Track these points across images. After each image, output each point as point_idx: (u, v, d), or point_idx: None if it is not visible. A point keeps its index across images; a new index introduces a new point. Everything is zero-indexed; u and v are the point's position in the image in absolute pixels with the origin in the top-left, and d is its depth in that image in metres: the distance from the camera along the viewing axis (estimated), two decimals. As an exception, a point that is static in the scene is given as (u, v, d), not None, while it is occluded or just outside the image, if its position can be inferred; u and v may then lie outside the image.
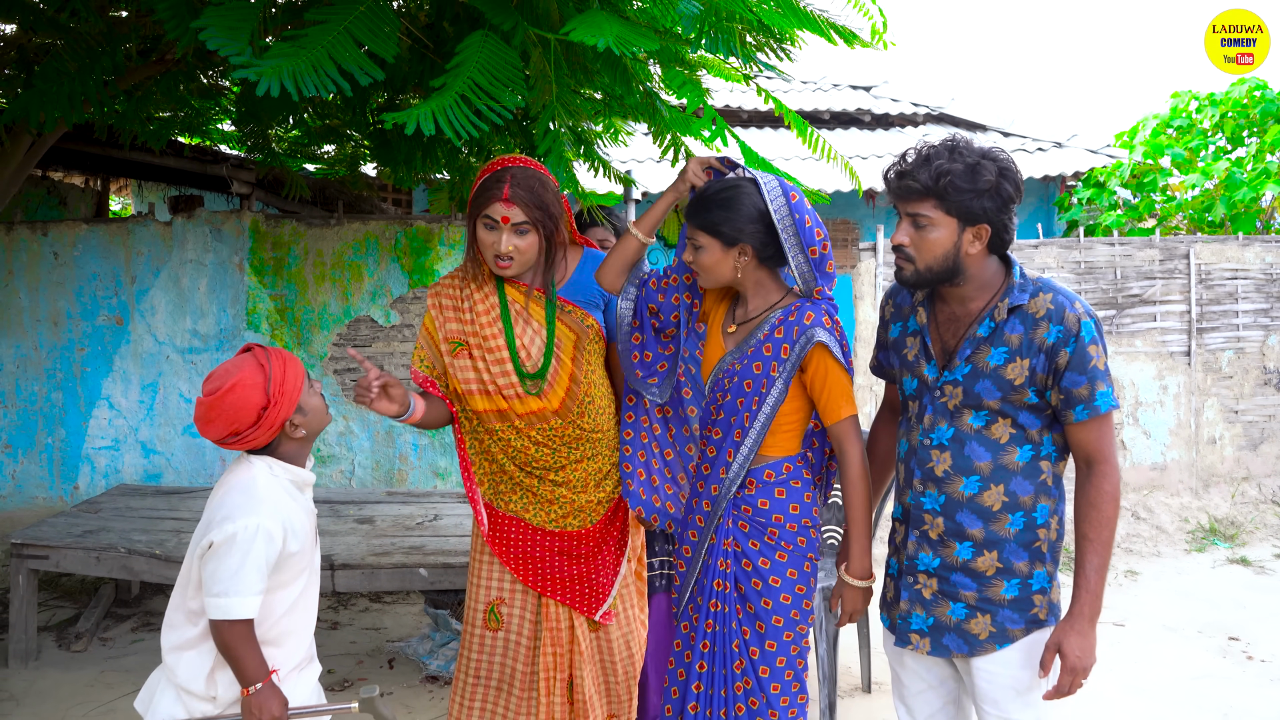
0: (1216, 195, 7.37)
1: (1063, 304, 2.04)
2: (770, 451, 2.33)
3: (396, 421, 2.59)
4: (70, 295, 5.30)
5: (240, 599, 1.98)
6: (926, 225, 2.06)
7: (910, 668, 2.29)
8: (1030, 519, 2.09)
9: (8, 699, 3.73)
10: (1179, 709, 3.75)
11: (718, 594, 2.34)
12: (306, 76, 2.04)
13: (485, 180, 2.49)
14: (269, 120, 4.46)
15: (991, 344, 2.08)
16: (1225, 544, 5.90)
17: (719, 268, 2.32)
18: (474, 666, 2.67)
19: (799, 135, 3.23)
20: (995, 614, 2.10)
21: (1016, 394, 2.05)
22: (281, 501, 2.08)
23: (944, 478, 2.13)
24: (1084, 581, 2.02)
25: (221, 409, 2.01)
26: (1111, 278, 6.14)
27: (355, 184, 5.81)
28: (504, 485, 2.64)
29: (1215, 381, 6.32)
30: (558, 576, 2.60)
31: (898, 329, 2.29)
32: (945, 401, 2.13)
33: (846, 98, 10.32)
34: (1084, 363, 2.00)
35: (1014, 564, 2.09)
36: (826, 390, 2.27)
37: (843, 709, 3.70)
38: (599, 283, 2.54)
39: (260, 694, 2.01)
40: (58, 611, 4.66)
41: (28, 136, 3.71)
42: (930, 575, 2.16)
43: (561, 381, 2.56)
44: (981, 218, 2.03)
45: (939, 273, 2.09)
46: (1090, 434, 2.04)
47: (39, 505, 5.25)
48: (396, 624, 4.61)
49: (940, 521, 2.14)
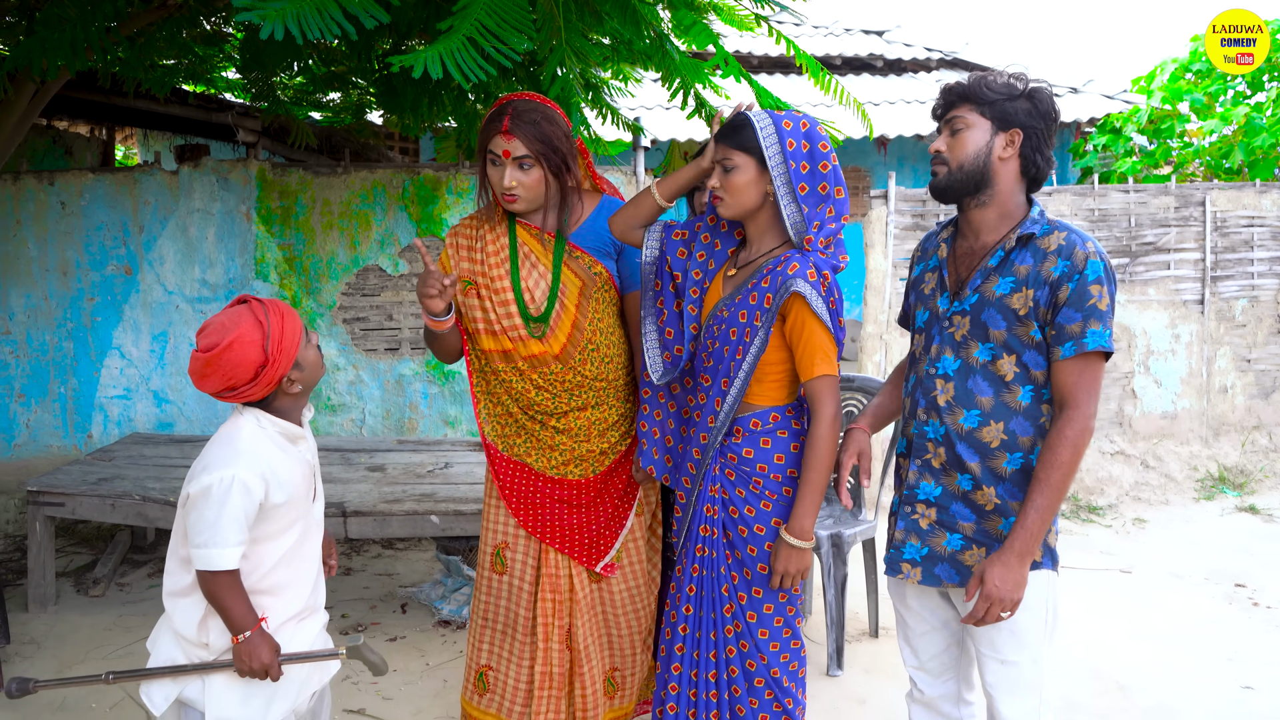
0: (1235, 141, 7.26)
1: (1074, 241, 2.03)
2: (757, 400, 2.29)
3: (432, 321, 2.52)
4: (78, 245, 5.29)
5: (219, 550, 1.97)
6: (962, 128, 2.09)
7: (914, 609, 2.31)
8: (1028, 460, 2.08)
9: (29, 642, 3.80)
10: (1184, 654, 3.78)
11: (704, 539, 2.33)
12: (311, 19, 2.01)
13: (489, 115, 2.47)
14: (273, 67, 4.41)
15: (999, 273, 2.08)
16: (1234, 492, 5.91)
17: (749, 190, 2.23)
18: (482, 609, 2.72)
19: (813, 78, 3.18)
20: (990, 548, 2.11)
21: (1021, 326, 2.05)
22: (266, 454, 2.05)
23: (945, 408, 2.14)
24: (1022, 518, 2.00)
25: (218, 365, 1.98)
26: (1126, 225, 6.07)
27: (362, 132, 5.76)
28: (508, 428, 2.65)
29: (1228, 330, 6.28)
30: (557, 524, 2.62)
31: (920, 268, 2.31)
32: (953, 332, 2.14)
33: (859, 42, 10.16)
34: (1083, 299, 1.99)
35: (1010, 503, 2.09)
36: (801, 344, 2.20)
37: (850, 653, 3.74)
38: (610, 229, 2.51)
39: (249, 641, 2.02)
40: (75, 557, 4.73)
41: (31, 84, 3.68)
42: (930, 505, 2.18)
43: (564, 327, 2.55)
44: (1014, 121, 2.06)
45: (969, 173, 2.09)
46: (1070, 375, 2.02)
47: (53, 454, 5.30)
48: (409, 570, 4.66)
49: (943, 451, 2.15)
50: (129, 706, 3.32)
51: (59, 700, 3.36)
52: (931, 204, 5.82)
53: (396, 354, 5.45)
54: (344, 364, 5.40)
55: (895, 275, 5.76)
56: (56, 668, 3.59)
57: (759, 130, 2.20)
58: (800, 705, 2.34)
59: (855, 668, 3.65)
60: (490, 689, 2.72)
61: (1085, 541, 5.15)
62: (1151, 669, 3.64)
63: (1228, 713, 3.34)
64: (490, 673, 2.71)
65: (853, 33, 10.40)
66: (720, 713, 2.33)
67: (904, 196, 5.80)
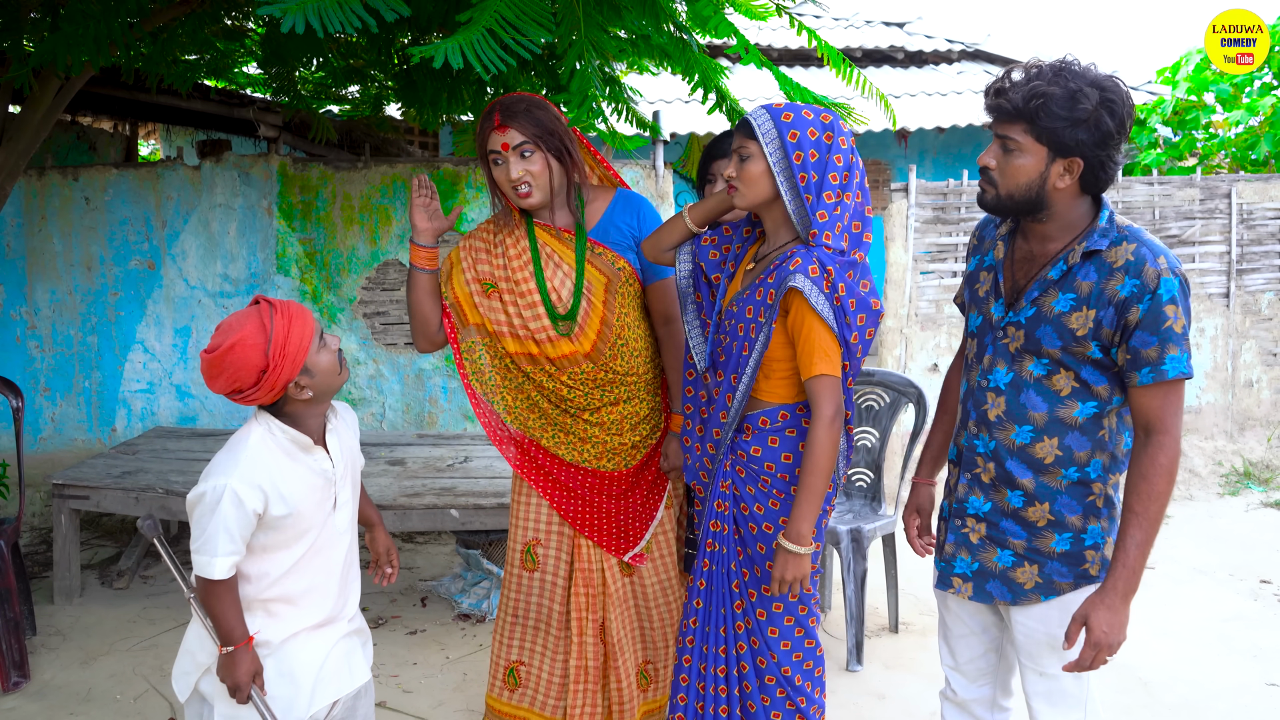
0: (1261, 132, 7.17)
1: (1144, 256, 1.87)
2: (766, 398, 2.26)
3: (418, 252, 2.56)
4: (102, 240, 5.33)
5: (208, 559, 1.95)
6: (1014, 150, 1.92)
7: (954, 611, 2.25)
8: (1084, 473, 1.99)
9: (55, 634, 3.84)
10: (1208, 650, 3.74)
11: (715, 535, 2.32)
12: (332, 12, 2.02)
13: (480, 122, 2.50)
14: (294, 61, 4.43)
15: (1060, 288, 1.95)
16: (1259, 487, 5.85)
17: (763, 181, 2.19)
18: (512, 605, 2.72)
19: (834, 69, 3.15)
20: (1044, 565, 2.03)
21: (1078, 345, 1.93)
22: (270, 463, 2.01)
23: (996, 423, 2.04)
24: (1122, 556, 1.89)
25: (221, 368, 1.95)
26: (1150, 218, 6.00)
27: (381, 126, 5.77)
28: (535, 422, 2.65)
29: (1254, 324, 6.20)
30: (591, 512, 2.62)
31: (975, 262, 2.19)
32: (1007, 344, 2.03)
33: (879, 34, 10.10)
34: (1158, 322, 1.84)
35: (1067, 517, 2.01)
36: (800, 341, 2.15)
37: (870, 648, 3.73)
38: (645, 255, 2.50)
39: (228, 656, 1.99)
40: (100, 550, 4.78)
41: (55, 81, 3.70)
42: (980, 520, 2.10)
43: (593, 324, 2.54)
44: (1074, 150, 1.87)
45: (1020, 202, 1.95)
46: (1153, 400, 1.88)
47: (78, 447, 5.36)
48: (429, 563, 4.68)
49: (992, 467, 2.06)
50: (153, 698, 3.36)
51: (84, 691, 3.40)
52: (953, 197, 5.78)
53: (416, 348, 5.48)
54: (364, 358, 5.42)
55: (915, 269, 5.73)
56: (82, 659, 3.63)
57: (755, 123, 2.18)
58: (815, 703, 2.31)
59: (875, 663, 3.64)
60: (523, 684, 2.72)
61: (1108, 537, 5.11)
62: (1175, 665, 3.61)
63: (1252, 709, 3.31)
64: (522, 668, 2.72)
65: (873, 24, 10.33)
66: (730, 708, 2.31)
67: (925, 190, 5.76)
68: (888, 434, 3.86)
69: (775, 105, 2.20)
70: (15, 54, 3.49)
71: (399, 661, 3.64)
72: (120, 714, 3.26)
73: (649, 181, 5.48)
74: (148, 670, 3.55)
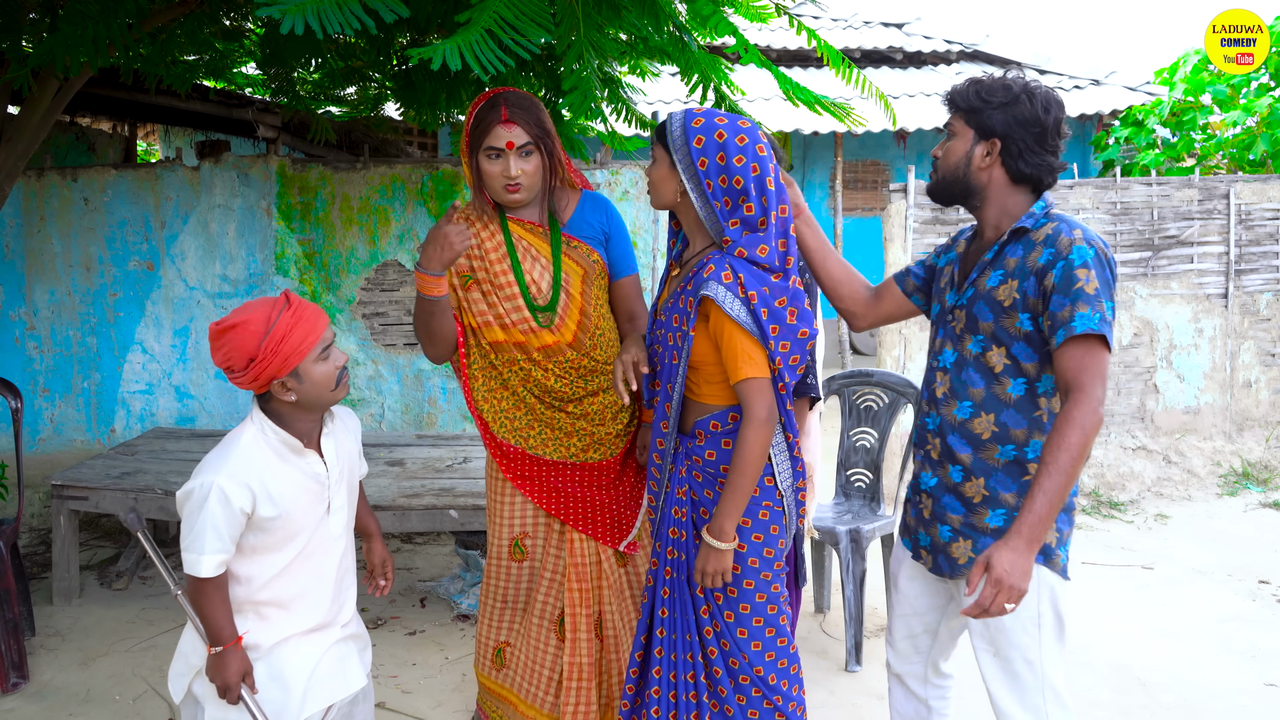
0: (1258, 133, 7.18)
1: (1061, 230, 2.02)
2: (713, 401, 2.26)
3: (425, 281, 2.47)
4: (101, 241, 5.33)
5: (195, 556, 1.95)
6: (950, 135, 2.15)
7: (902, 589, 2.37)
8: (1022, 453, 2.08)
9: (53, 635, 3.84)
10: (1206, 651, 3.75)
11: (674, 541, 2.32)
12: (331, 14, 2.02)
13: (479, 110, 2.47)
14: (293, 62, 4.43)
15: (992, 266, 2.10)
16: (1258, 488, 5.85)
17: (663, 185, 2.25)
18: (500, 591, 2.72)
19: (834, 69, 3.15)
20: (976, 541, 2.11)
21: (1007, 318, 2.05)
22: (260, 463, 2.01)
23: (942, 400, 2.17)
24: (1029, 502, 1.92)
25: (220, 343, 1.98)
26: (1148, 219, 6.01)
27: (380, 127, 5.77)
28: (522, 421, 2.65)
29: (1253, 324, 6.21)
30: (582, 506, 2.64)
31: (944, 259, 2.32)
32: (954, 326, 2.17)
33: (878, 35, 10.11)
34: (1069, 284, 1.95)
35: (1001, 494, 2.09)
36: (722, 348, 2.16)
37: (869, 648, 3.73)
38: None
39: (217, 656, 2.00)
40: (98, 551, 4.77)
41: (54, 81, 3.70)
42: (929, 495, 2.21)
43: (572, 315, 2.58)
44: (993, 131, 2.07)
45: (950, 183, 2.15)
46: (1070, 361, 1.95)
47: (77, 448, 5.35)
48: (428, 564, 4.68)
49: (938, 442, 2.17)
50: (152, 698, 3.36)
51: (83, 692, 3.40)
52: (951, 197, 5.78)
53: (415, 349, 5.47)
54: (363, 359, 5.42)
55: (914, 269, 5.72)
56: (81, 660, 3.63)
57: (668, 127, 2.21)
58: (794, 701, 2.30)
59: (874, 663, 3.64)
60: (508, 665, 2.74)
61: (1106, 537, 5.11)
62: (1173, 666, 3.61)
63: (1250, 710, 3.31)
64: (509, 649, 2.74)
65: (872, 25, 10.35)
66: (700, 714, 2.30)
67: (924, 190, 5.77)
68: (887, 434, 3.87)
69: (694, 110, 2.22)
70: (14, 55, 3.49)
71: (398, 662, 3.64)
72: (119, 715, 3.26)
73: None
74: (146, 671, 3.55)
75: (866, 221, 10.15)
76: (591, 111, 2.81)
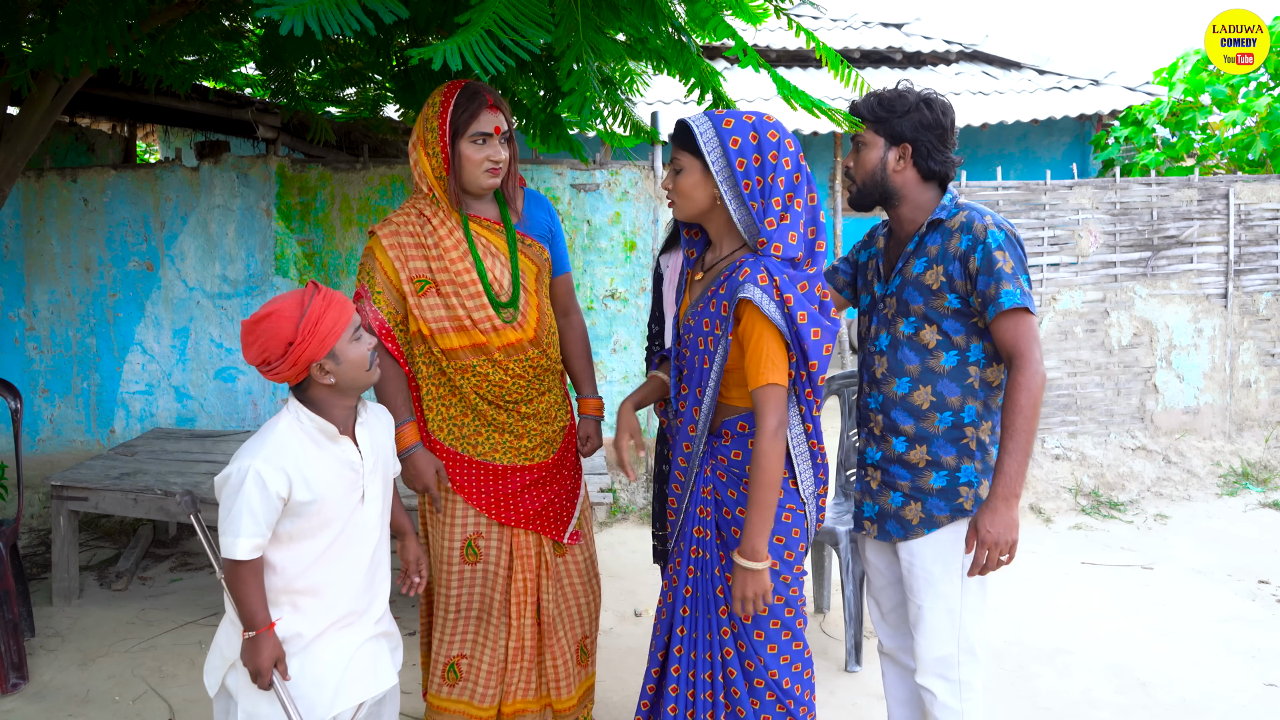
0: (1257, 133, 7.18)
1: (973, 217, 2.26)
2: (742, 403, 2.25)
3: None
4: (101, 241, 5.34)
5: (232, 539, 1.98)
6: (863, 147, 2.37)
7: (873, 564, 2.54)
8: (958, 418, 2.30)
9: (53, 635, 3.84)
10: (1206, 651, 3.75)
11: (698, 540, 2.31)
12: (330, 14, 2.02)
13: (459, 99, 2.49)
14: (292, 63, 4.43)
15: (916, 256, 2.33)
16: (1258, 488, 5.85)
17: (695, 193, 2.21)
18: (454, 602, 2.69)
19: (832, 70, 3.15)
20: (925, 501, 2.33)
21: (936, 299, 2.28)
22: (296, 449, 2.04)
23: (882, 379, 2.38)
24: (1000, 466, 2.18)
25: (255, 335, 2.01)
26: (1148, 219, 6.02)
27: (379, 127, 5.77)
28: (470, 428, 2.64)
29: (1252, 324, 6.21)
30: (527, 509, 2.67)
31: (865, 255, 2.54)
32: (886, 312, 2.38)
33: (878, 35, 10.11)
34: (991, 265, 2.19)
35: (942, 457, 2.31)
36: (750, 350, 2.14)
37: (869, 649, 3.73)
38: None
39: (251, 641, 2.01)
40: (98, 551, 4.77)
41: (54, 82, 3.70)
42: (875, 468, 2.41)
43: (532, 311, 2.62)
44: (903, 137, 2.31)
45: (870, 189, 2.36)
46: (1005, 332, 2.20)
47: (77, 448, 5.35)
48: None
49: (880, 419, 2.38)
50: (151, 699, 3.36)
51: (83, 693, 3.40)
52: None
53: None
54: (363, 359, 5.43)
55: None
56: (80, 661, 3.63)
57: (696, 132, 2.17)
58: (804, 705, 2.30)
59: (874, 663, 3.64)
60: (463, 677, 2.71)
61: (1106, 538, 5.12)
62: (1173, 666, 3.61)
63: (1250, 710, 3.31)
64: (464, 661, 2.71)
65: (871, 25, 10.35)
66: (716, 713, 2.30)
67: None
68: (886, 435, 3.87)
69: (717, 112, 2.20)
70: (13, 55, 3.49)
71: (398, 662, 3.64)
72: (119, 715, 3.26)
73: (647, 183, 5.49)
74: (146, 672, 3.55)
75: (866, 222, 10.16)
76: (591, 112, 2.81)
